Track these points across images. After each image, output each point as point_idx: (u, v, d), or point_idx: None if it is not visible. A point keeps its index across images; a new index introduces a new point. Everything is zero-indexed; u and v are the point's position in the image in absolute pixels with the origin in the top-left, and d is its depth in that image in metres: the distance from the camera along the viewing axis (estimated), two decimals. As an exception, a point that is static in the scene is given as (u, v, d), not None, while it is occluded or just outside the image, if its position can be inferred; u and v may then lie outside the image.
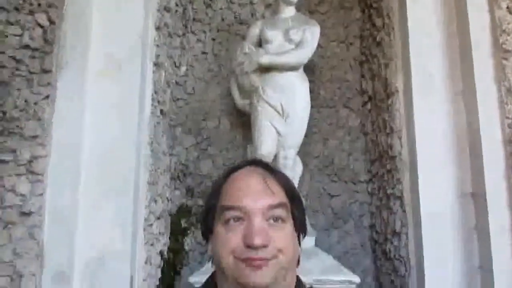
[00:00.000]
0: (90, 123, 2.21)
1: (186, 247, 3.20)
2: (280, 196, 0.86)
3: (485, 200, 2.22)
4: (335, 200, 3.32)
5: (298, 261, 0.92)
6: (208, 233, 0.90)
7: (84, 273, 2.09)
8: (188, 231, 3.22)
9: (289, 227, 0.86)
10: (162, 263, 2.75)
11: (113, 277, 2.09)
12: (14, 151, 2.06)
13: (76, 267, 2.08)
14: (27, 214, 2.02)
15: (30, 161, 2.06)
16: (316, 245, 2.80)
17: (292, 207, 0.88)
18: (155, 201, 2.57)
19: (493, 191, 2.22)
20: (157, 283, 2.61)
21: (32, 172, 2.06)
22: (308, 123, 2.91)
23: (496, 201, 2.22)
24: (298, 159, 2.94)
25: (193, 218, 3.22)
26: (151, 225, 2.47)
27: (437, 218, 2.36)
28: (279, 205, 0.85)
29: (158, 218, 2.64)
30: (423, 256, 2.35)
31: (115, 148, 2.20)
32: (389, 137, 2.78)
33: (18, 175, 2.05)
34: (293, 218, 0.88)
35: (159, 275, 2.65)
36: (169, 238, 2.96)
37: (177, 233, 3.15)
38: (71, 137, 2.16)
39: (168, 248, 2.92)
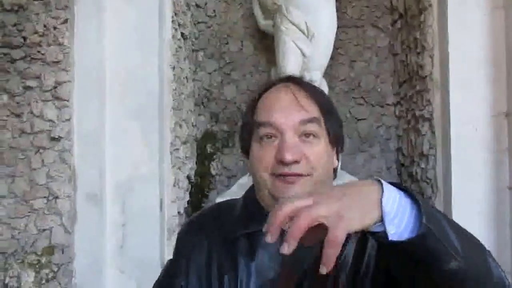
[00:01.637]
0: (111, 47, 2.17)
1: (213, 172, 3.26)
2: (312, 111, 0.84)
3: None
4: (362, 124, 3.27)
5: (336, 174, 0.94)
6: (246, 149, 0.91)
7: (115, 195, 2.16)
8: (214, 156, 3.26)
9: (322, 142, 0.85)
10: (190, 187, 2.83)
11: (143, 199, 2.16)
12: (38, 77, 2.06)
13: (107, 189, 2.15)
14: (57, 139, 2.06)
15: (55, 87, 2.07)
16: (341, 168, 2.80)
17: (326, 122, 0.86)
18: (180, 126, 2.58)
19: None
20: (186, 205, 2.70)
21: (58, 98, 2.08)
22: (334, 45, 2.79)
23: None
24: (324, 82, 2.86)
25: (219, 143, 3.25)
26: (177, 149, 2.50)
27: (467, 139, 2.29)
28: (311, 120, 0.83)
29: (184, 143, 2.67)
30: (451, 178, 2.31)
31: (137, 72, 2.17)
32: (420, 57, 2.65)
33: (45, 101, 2.07)
34: (328, 133, 0.87)
35: (187, 197, 2.73)
36: (196, 163, 3.02)
37: (203, 158, 3.20)
38: (93, 62, 2.14)
39: (195, 172, 2.99)
